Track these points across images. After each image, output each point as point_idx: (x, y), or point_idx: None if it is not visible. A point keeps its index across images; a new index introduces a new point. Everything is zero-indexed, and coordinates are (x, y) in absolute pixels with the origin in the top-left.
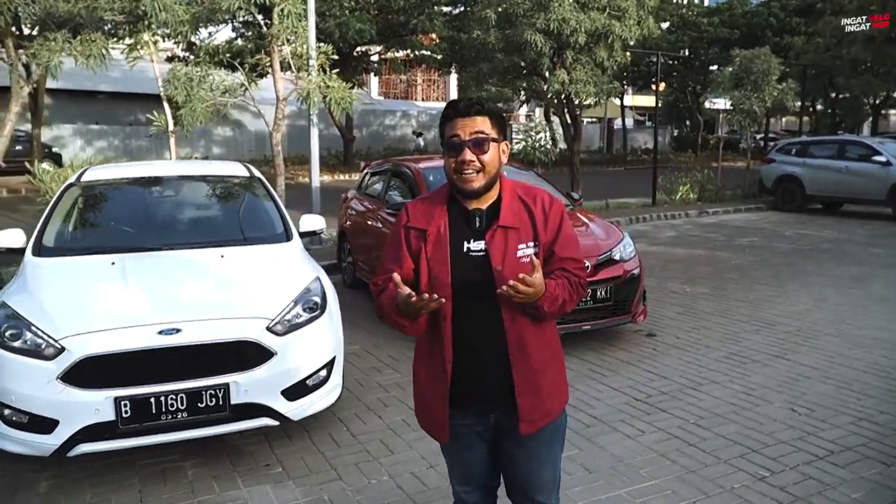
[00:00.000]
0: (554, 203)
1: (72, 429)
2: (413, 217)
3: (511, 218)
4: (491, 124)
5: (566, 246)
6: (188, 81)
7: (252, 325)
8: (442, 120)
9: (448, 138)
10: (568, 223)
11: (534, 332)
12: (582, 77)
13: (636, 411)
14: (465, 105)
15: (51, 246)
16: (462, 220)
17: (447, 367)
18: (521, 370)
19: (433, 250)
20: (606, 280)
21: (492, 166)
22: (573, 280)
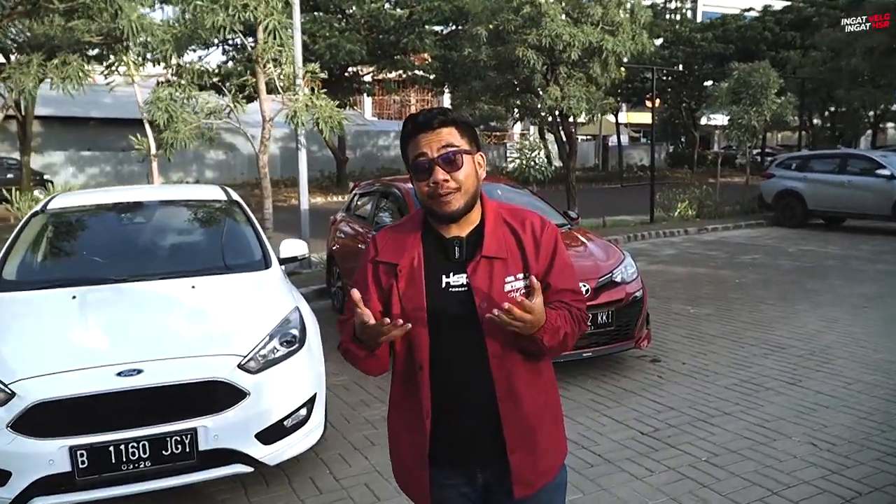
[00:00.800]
0: (546, 227)
1: (25, 481)
2: (382, 250)
3: (496, 246)
4: (460, 134)
5: (563, 276)
6: (171, 103)
7: (222, 363)
8: (403, 138)
9: (413, 159)
10: (563, 249)
11: (526, 375)
12: (575, 93)
13: (643, 447)
14: (425, 117)
15: (9, 279)
16: (439, 251)
17: (426, 422)
18: (512, 422)
19: (406, 287)
20: (607, 304)
21: (469, 183)
22: (574, 312)
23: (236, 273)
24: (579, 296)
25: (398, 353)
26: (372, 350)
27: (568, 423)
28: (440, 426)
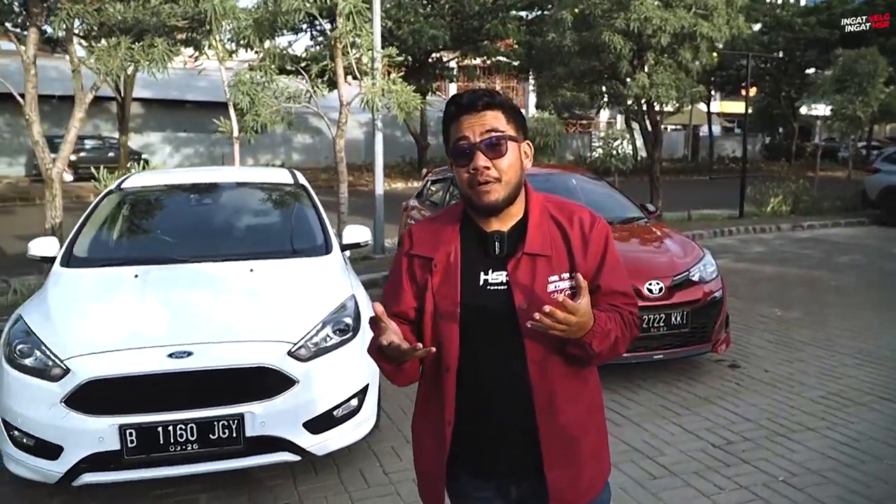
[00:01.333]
0: (596, 223)
1: (76, 457)
2: (417, 242)
3: (540, 242)
4: (506, 119)
5: (614, 277)
6: (252, 87)
7: (271, 350)
8: (445, 120)
9: (454, 142)
10: (615, 248)
11: (569, 385)
12: (664, 80)
13: (713, 461)
14: (469, 98)
15: (79, 256)
16: (479, 246)
17: (446, 429)
18: (550, 436)
19: (440, 283)
20: (683, 304)
21: (512, 173)
22: (627, 316)
23: (296, 258)
24: (631, 299)
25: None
26: (398, 365)
27: (633, 430)
28: (465, 434)
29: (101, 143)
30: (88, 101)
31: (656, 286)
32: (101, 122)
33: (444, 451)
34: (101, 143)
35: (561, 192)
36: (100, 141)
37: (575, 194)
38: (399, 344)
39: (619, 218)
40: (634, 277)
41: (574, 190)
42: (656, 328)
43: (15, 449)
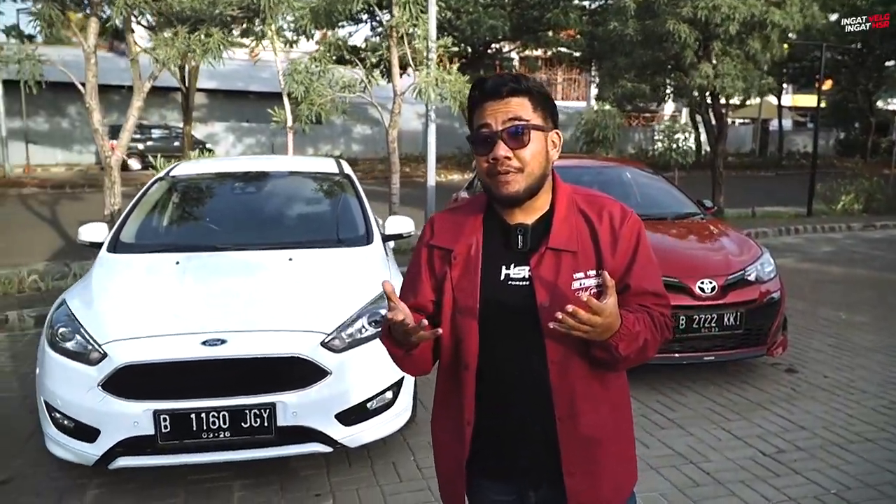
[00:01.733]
0: (627, 217)
1: (112, 440)
2: (438, 233)
3: (566, 237)
4: (532, 106)
5: (645, 276)
6: (307, 76)
7: (304, 340)
8: (469, 105)
9: (476, 129)
10: (647, 245)
11: (591, 387)
12: (730, 71)
13: (762, 470)
14: (494, 83)
15: (126, 242)
16: (501, 239)
17: (466, 430)
18: (570, 440)
19: (460, 277)
20: (737, 304)
21: (535, 164)
22: (657, 318)
23: (336, 247)
24: (663, 299)
25: (445, 347)
26: (407, 350)
27: (677, 433)
28: (484, 435)
29: (168, 133)
30: (146, 89)
31: (709, 285)
32: (168, 111)
33: (464, 452)
34: (168, 133)
35: (615, 186)
36: (166, 130)
37: (629, 188)
38: (407, 323)
39: (673, 214)
40: (685, 275)
41: (628, 183)
42: (707, 328)
43: (56, 430)
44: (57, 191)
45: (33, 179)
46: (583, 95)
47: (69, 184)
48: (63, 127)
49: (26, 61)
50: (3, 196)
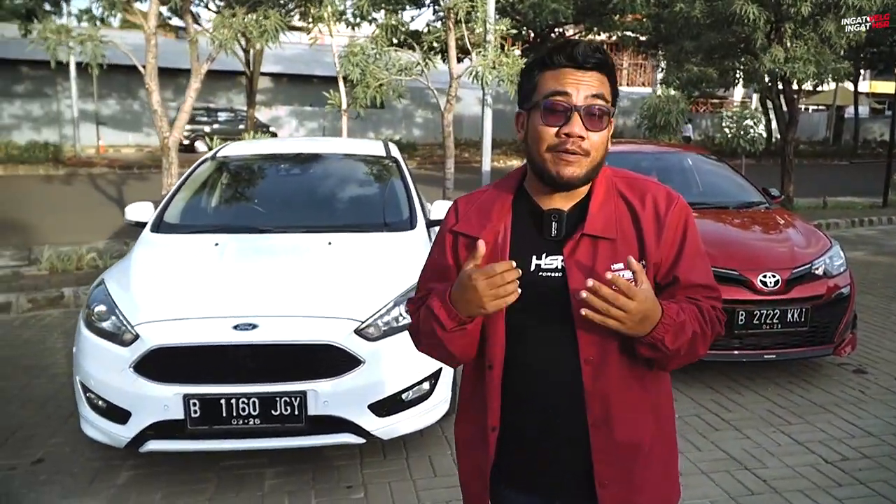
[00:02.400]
0: (674, 203)
1: (143, 423)
2: (463, 218)
3: (603, 223)
4: (610, 87)
5: (694, 267)
6: (363, 58)
7: (337, 327)
8: (534, 67)
9: (548, 95)
10: (695, 234)
11: (629, 393)
12: (802, 55)
13: (824, 479)
14: (585, 50)
15: (169, 222)
16: (532, 225)
17: (489, 437)
18: (604, 450)
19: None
20: (802, 299)
21: (600, 151)
22: (707, 311)
23: (377, 232)
24: (714, 292)
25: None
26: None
27: (732, 437)
28: (509, 441)
29: (233, 116)
30: (203, 72)
31: (772, 279)
32: (234, 95)
33: (488, 460)
34: (233, 116)
35: (674, 173)
36: (231, 113)
37: (690, 175)
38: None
39: (736, 202)
40: (746, 268)
41: (689, 170)
42: (769, 325)
43: (90, 411)
44: (125, 171)
45: (103, 160)
46: (649, 81)
47: (137, 164)
48: (134, 109)
49: (88, 42)
50: (74, 176)
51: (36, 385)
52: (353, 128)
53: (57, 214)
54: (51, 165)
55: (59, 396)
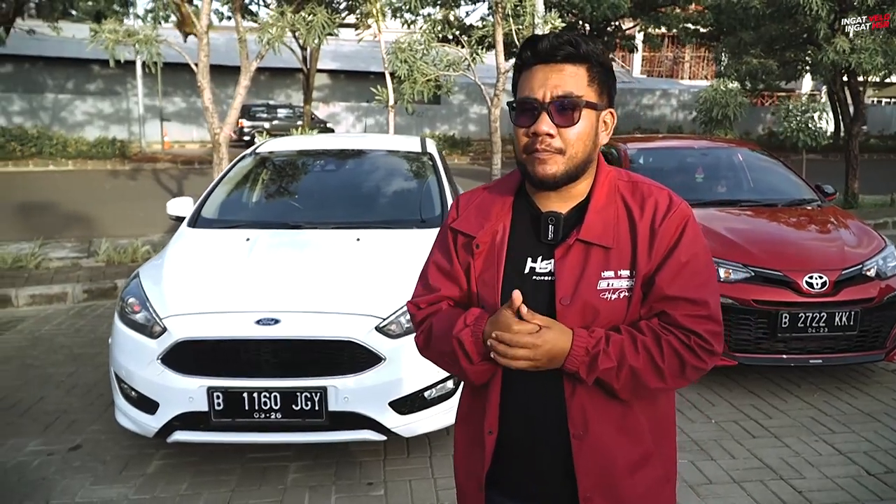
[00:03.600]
0: (673, 210)
1: (169, 414)
2: (462, 216)
3: (600, 229)
4: (588, 78)
5: (678, 277)
6: (411, 54)
7: (359, 324)
8: (517, 67)
9: (518, 98)
10: (693, 242)
11: (610, 407)
12: (868, 45)
13: (865, 493)
14: (550, 44)
15: (206, 217)
16: (530, 227)
17: (487, 440)
18: (585, 463)
19: (482, 267)
20: (851, 302)
21: (579, 146)
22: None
23: (407, 228)
24: (701, 309)
25: None
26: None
27: (770, 445)
28: (505, 448)
29: (292, 112)
30: (252, 69)
31: (818, 280)
32: (294, 92)
33: (484, 463)
34: (292, 112)
35: (722, 169)
36: (290, 110)
37: (739, 171)
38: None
39: (785, 199)
40: (791, 269)
41: (739, 167)
42: (815, 328)
43: (123, 401)
44: (186, 166)
45: (167, 155)
46: (712, 74)
47: (198, 159)
48: (198, 106)
49: (144, 43)
50: (138, 171)
51: (82, 373)
52: (408, 123)
53: (119, 208)
54: (117, 161)
55: (102, 385)
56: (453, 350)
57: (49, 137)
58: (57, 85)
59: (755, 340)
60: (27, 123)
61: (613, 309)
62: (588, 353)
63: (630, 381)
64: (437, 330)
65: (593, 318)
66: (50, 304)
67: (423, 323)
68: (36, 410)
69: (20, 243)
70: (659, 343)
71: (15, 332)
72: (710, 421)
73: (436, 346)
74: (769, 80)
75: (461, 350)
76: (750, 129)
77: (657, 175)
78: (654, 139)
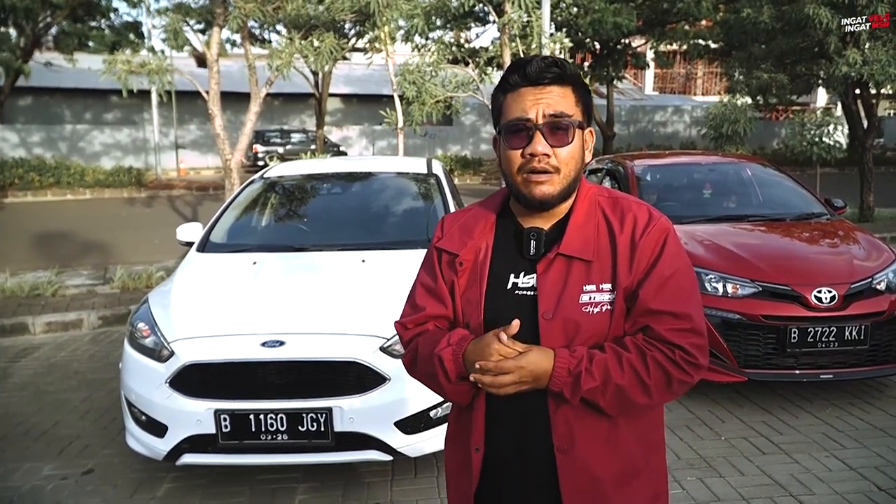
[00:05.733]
0: (652, 225)
1: (178, 437)
2: (446, 235)
3: (580, 243)
4: (575, 99)
5: (661, 291)
6: (419, 76)
7: (363, 345)
8: (498, 91)
9: (511, 119)
10: (675, 257)
11: (595, 421)
12: (880, 57)
13: None
14: (537, 67)
15: (215, 242)
16: (513, 244)
17: (474, 457)
18: (570, 477)
19: (466, 285)
20: (861, 316)
21: (572, 165)
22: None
23: (412, 249)
24: (684, 322)
25: None
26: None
27: (780, 461)
28: (492, 464)
29: (305, 136)
30: (263, 95)
31: (827, 294)
32: (308, 117)
33: (472, 481)
34: (305, 136)
35: (731, 184)
36: (304, 134)
37: (748, 186)
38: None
39: (794, 214)
40: (799, 283)
41: (748, 182)
42: (825, 343)
43: (133, 424)
44: (201, 192)
45: (182, 182)
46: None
47: (212, 185)
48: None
49: (156, 72)
50: (154, 198)
51: (96, 398)
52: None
53: (134, 234)
54: (134, 189)
55: (114, 410)
56: (434, 370)
57: (67, 167)
58: (75, 116)
59: (764, 356)
60: (46, 154)
61: (595, 323)
62: (570, 373)
63: (616, 398)
64: (422, 350)
65: (575, 332)
66: (66, 331)
67: (410, 343)
68: (51, 435)
69: (37, 271)
70: (644, 359)
71: (31, 359)
72: (719, 438)
73: (420, 366)
74: (781, 95)
75: (441, 368)
76: (764, 143)
77: (665, 192)
78: (662, 156)
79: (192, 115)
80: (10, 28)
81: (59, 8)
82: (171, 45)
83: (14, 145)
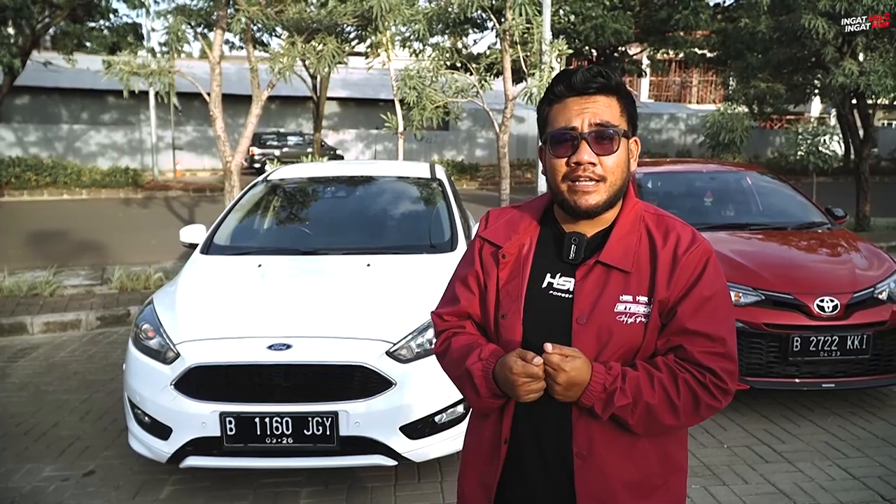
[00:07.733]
0: (696, 246)
1: (182, 439)
2: (492, 227)
3: (621, 254)
4: (620, 108)
5: (698, 312)
6: (419, 81)
7: (369, 349)
8: (543, 103)
9: (557, 128)
10: (713, 281)
11: (616, 432)
12: (876, 68)
13: None
14: (583, 77)
15: (219, 244)
16: (554, 246)
17: (501, 449)
18: (587, 484)
19: (507, 279)
20: (863, 325)
21: (617, 174)
22: (688, 381)
23: (417, 253)
24: (717, 346)
25: None
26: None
27: (783, 469)
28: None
29: (302, 140)
30: (264, 98)
31: (829, 303)
32: (304, 120)
33: (496, 473)
34: (302, 140)
35: (731, 193)
36: (301, 137)
37: (749, 195)
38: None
39: (795, 223)
40: (801, 292)
41: (748, 191)
42: (827, 352)
43: (136, 426)
44: (198, 194)
45: (178, 183)
46: (720, 98)
47: (209, 187)
48: (209, 135)
49: (157, 74)
50: (151, 199)
51: (95, 399)
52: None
53: (131, 235)
54: (130, 189)
55: (114, 411)
56: (463, 383)
57: (64, 167)
58: (72, 116)
59: (767, 364)
60: (42, 153)
61: (629, 333)
62: (605, 389)
63: (645, 417)
64: (454, 353)
65: (608, 340)
66: (64, 332)
67: (444, 333)
68: (51, 436)
69: (35, 271)
70: (675, 380)
71: (30, 360)
72: (722, 446)
73: (450, 367)
74: (777, 104)
75: (469, 382)
76: (759, 152)
77: (666, 199)
78: (662, 163)
79: (189, 117)
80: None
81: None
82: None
83: (10, 144)
